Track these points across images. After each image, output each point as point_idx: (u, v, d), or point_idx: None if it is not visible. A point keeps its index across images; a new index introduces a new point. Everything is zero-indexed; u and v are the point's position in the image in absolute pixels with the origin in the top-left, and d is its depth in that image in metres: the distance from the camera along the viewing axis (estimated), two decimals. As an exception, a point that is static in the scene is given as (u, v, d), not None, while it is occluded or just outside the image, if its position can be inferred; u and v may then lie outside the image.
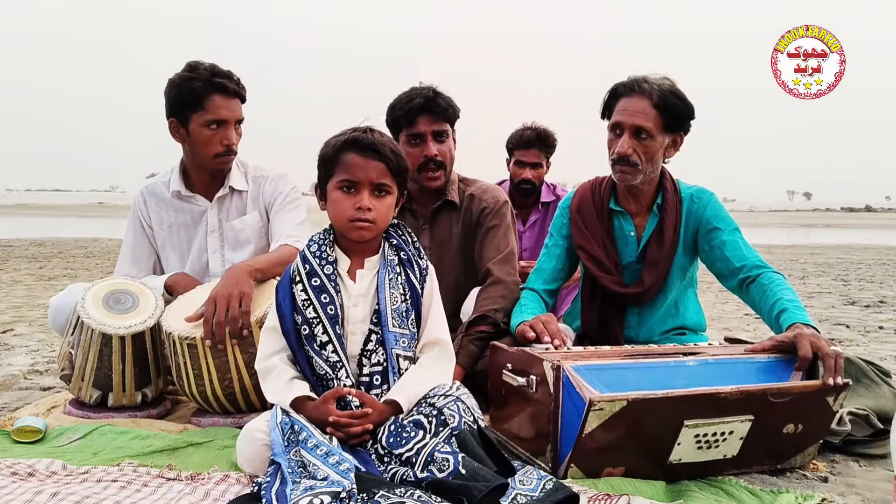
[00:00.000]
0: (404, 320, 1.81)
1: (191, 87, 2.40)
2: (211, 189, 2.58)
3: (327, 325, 1.77)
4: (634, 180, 2.23)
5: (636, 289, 2.31)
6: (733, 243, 2.23)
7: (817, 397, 1.78)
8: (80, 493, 1.54)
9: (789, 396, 1.74)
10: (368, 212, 1.77)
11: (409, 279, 1.85)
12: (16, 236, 15.03)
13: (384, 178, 1.79)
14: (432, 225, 2.64)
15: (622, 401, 1.61)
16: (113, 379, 2.22)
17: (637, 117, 2.16)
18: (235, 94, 2.46)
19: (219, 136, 2.44)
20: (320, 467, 1.51)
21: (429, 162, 2.51)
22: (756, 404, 1.71)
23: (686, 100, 2.20)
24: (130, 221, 2.65)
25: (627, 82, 2.22)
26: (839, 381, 1.75)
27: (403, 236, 1.91)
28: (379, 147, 1.78)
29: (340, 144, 1.79)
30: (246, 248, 2.57)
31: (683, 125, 2.22)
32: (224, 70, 2.45)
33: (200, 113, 2.41)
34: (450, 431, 1.60)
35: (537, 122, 3.54)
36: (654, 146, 2.19)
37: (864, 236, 22.67)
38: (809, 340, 1.81)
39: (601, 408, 1.60)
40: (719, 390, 1.68)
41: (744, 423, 1.72)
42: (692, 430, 1.69)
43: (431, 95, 2.51)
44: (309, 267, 1.81)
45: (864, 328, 4.66)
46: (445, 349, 1.87)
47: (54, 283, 6.78)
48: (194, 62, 2.46)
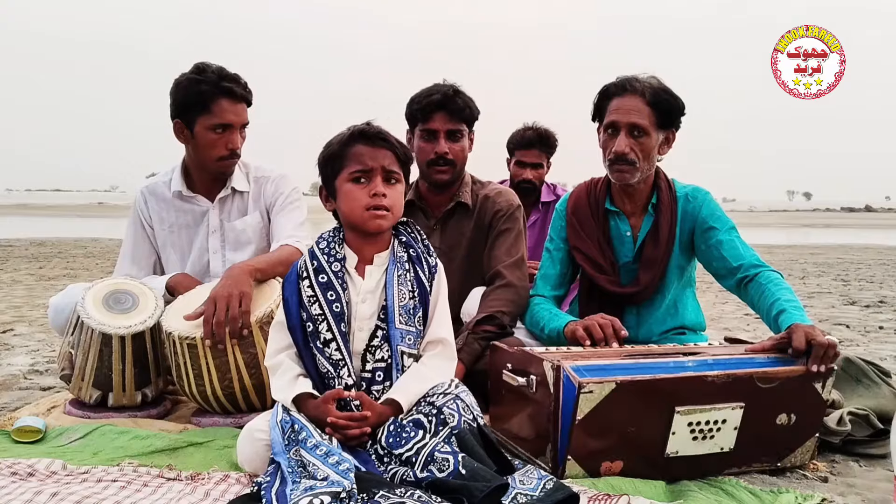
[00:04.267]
0: (411, 317, 1.81)
1: (198, 90, 2.39)
2: (212, 190, 2.58)
3: (332, 323, 1.77)
4: (633, 179, 2.24)
5: (633, 288, 2.31)
6: (730, 242, 2.23)
7: (805, 384, 1.80)
8: (80, 493, 1.54)
9: (776, 381, 1.77)
10: (384, 198, 1.78)
11: (419, 276, 1.84)
12: (16, 236, 15.03)
13: (394, 165, 1.81)
14: (444, 227, 2.63)
15: (611, 383, 1.65)
16: (113, 379, 2.22)
17: (632, 115, 2.18)
18: (242, 98, 2.46)
19: (224, 140, 2.43)
20: (320, 467, 1.51)
21: (439, 159, 2.51)
22: (744, 389, 1.75)
23: (676, 96, 2.22)
24: (131, 221, 2.64)
25: (618, 82, 2.24)
26: (821, 368, 1.78)
27: (413, 234, 1.91)
28: (386, 135, 1.82)
29: (346, 138, 1.82)
30: (247, 248, 2.57)
31: (675, 122, 2.25)
32: (232, 73, 2.44)
33: (207, 116, 2.40)
34: (450, 431, 1.60)
35: (538, 123, 3.54)
36: (650, 143, 2.20)
37: (864, 236, 22.67)
38: (804, 331, 1.83)
39: (590, 390, 1.64)
40: (706, 374, 1.73)
41: (735, 410, 1.75)
42: (685, 418, 1.71)
43: (451, 94, 2.51)
44: (317, 263, 1.82)
45: (864, 328, 4.66)
46: (448, 349, 1.87)
47: (54, 283, 6.78)
48: (202, 64, 2.44)
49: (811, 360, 1.79)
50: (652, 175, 2.30)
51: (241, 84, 2.45)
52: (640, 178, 2.25)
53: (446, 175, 2.54)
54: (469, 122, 2.56)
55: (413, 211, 2.66)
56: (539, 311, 2.34)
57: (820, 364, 1.78)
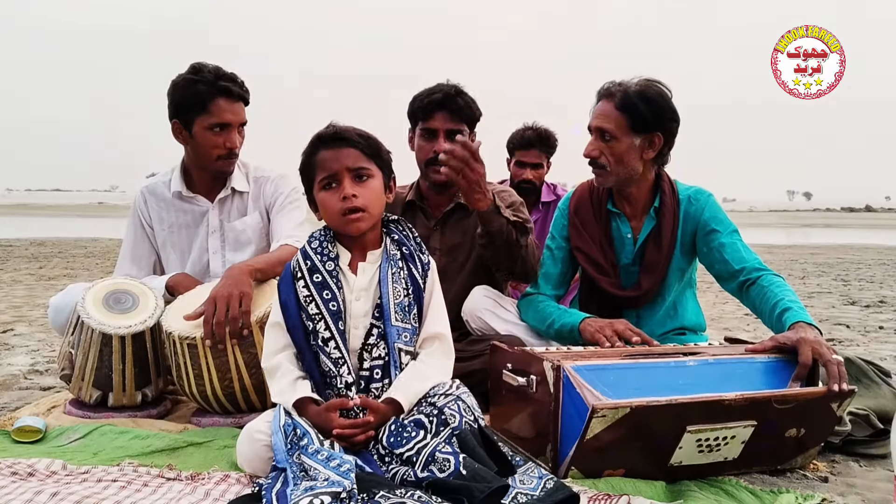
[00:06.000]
0: (406, 315, 1.81)
1: (195, 91, 2.39)
2: (212, 190, 2.58)
3: (329, 321, 1.76)
4: (608, 182, 2.27)
5: (634, 292, 2.32)
6: (732, 245, 2.23)
7: (822, 403, 1.77)
8: (80, 493, 1.54)
9: (794, 403, 1.74)
10: (354, 199, 1.77)
11: (412, 273, 1.84)
12: (16, 236, 15.02)
13: (360, 161, 1.80)
14: (444, 227, 2.62)
15: (625, 408, 1.61)
16: (113, 379, 2.21)
17: (598, 119, 2.23)
18: (240, 97, 2.46)
19: (222, 140, 2.44)
20: (321, 471, 1.50)
21: (437, 158, 2.51)
22: (760, 410, 1.71)
23: (654, 100, 2.19)
24: (130, 221, 2.64)
25: (603, 88, 2.27)
26: (844, 387, 1.74)
27: (405, 231, 1.91)
28: (343, 134, 1.81)
29: (309, 149, 1.83)
30: (247, 248, 2.57)
31: (652, 125, 2.21)
32: (228, 73, 2.44)
33: (205, 116, 2.40)
34: (450, 431, 1.60)
35: (538, 123, 3.54)
36: (620, 147, 2.21)
37: (864, 236, 22.66)
38: (811, 346, 1.80)
39: (604, 415, 1.60)
40: (724, 397, 1.67)
41: (746, 428, 1.72)
42: (694, 436, 1.69)
43: (452, 93, 2.49)
44: (310, 263, 1.81)
45: (864, 328, 4.66)
46: (445, 344, 1.87)
47: (54, 282, 6.78)
48: (199, 64, 2.44)
49: (830, 380, 1.75)
50: (650, 179, 2.30)
51: (237, 83, 2.45)
52: (616, 181, 2.26)
53: (444, 175, 2.53)
54: (470, 123, 2.55)
55: (413, 211, 2.66)
56: (546, 306, 2.34)
57: (841, 382, 1.74)
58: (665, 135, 2.24)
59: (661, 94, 2.21)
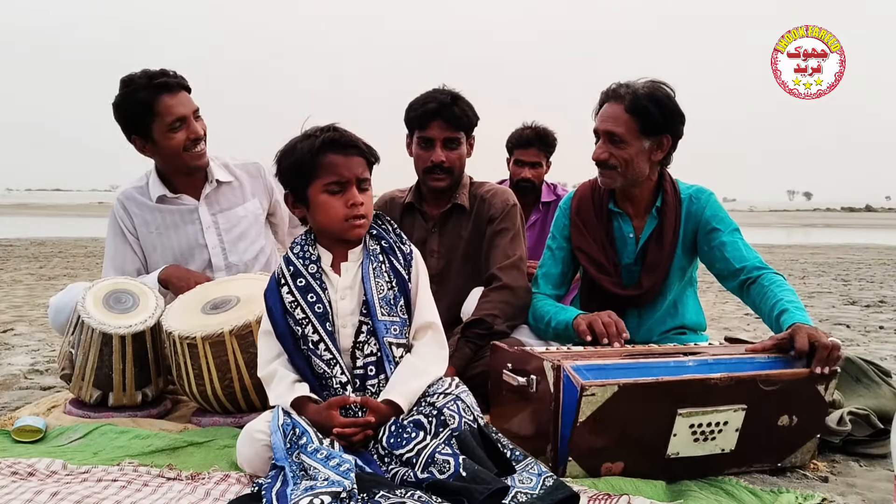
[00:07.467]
0: (393, 307, 1.81)
1: (136, 100, 2.38)
2: (195, 187, 2.57)
3: (317, 324, 1.77)
4: (616, 184, 2.26)
5: (635, 291, 2.32)
6: (733, 244, 2.23)
7: (808, 386, 1.80)
8: (80, 493, 1.54)
9: (779, 384, 1.77)
10: (361, 206, 1.78)
11: (394, 266, 1.84)
12: (16, 236, 15.03)
13: (366, 172, 1.81)
14: (441, 228, 2.62)
15: (613, 386, 1.65)
16: (113, 378, 2.22)
17: (608, 123, 2.21)
18: (179, 86, 2.44)
19: (184, 133, 2.43)
20: (321, 470, 1.50)
21: (435, 167, 2.50)
22: (747, 392, 1.74)
23: (664, 103, 2.19)
24: (110, 231, 2.62)
25: (608, 89, 2.25)
26: (826, 370, 1.77)
27: (384, 226, 1.91)
28: (356, 142, 1.80)
29: (317, 148, 1.77)
30: (246, 237, 2.58)
31: (662, 128, 2.20)
32: (157, 70, 2.43)
33: (158, 120, 2.39)
34: (450, 432, 1.60)
35: (537, 122, 3.53)
36: (630, 150, 2.20)
37: (864, 236, 22.67)
38: (807, 332, 1.83)
39: (592, 393, 1.63)
40: (710, 376, 1.72)
41: (737, 412, 1.74)
42: (686, 420, 1.71)
43: (448, 102, 2.47)
44: (293, 268, 1.81)
45: (864, 328, 4.66)
46: (437, 333, 1.87)
47: (54, 282, 6.78)
48: (126, 77, 2.43)
49: (815, 363, 1.78)
50: (653, 179, 2.30)
51: (170, 75, 2.44)
52: (625, 183, 2.25)
53: (443, 182, 2.54)
54: (467, 130, 2.55)
55: (412, 214, 2.66)
56: (543, 305, 2.35)
57: (824, 366, 1.78)
58: (673, 136, 2.24)
59: (668, 96, 2.20)
